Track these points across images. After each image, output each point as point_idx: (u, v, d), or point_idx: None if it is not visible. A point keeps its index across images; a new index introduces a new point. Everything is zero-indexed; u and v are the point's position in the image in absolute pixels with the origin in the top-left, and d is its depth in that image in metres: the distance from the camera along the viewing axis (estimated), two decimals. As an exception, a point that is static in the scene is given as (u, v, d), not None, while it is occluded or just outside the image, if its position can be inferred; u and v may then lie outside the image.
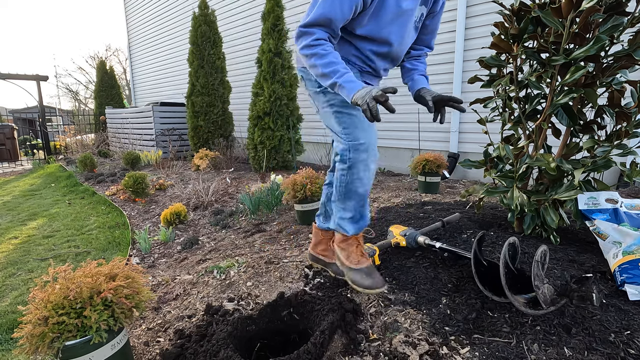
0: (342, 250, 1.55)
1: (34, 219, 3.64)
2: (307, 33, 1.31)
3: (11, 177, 6.51)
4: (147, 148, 6.85)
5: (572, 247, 1.71)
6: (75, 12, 55.99)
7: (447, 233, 1.95)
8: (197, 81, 5.94)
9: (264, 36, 4.65)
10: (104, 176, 5.28)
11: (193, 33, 5.87)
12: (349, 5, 1.28)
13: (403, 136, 4.55)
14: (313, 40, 1.29)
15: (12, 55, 58.15)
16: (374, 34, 1.40)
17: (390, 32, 1.40)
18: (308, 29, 1.31)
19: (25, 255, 2.68)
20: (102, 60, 10.84)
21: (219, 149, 5.74)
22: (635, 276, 1.31)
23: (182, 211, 3.03)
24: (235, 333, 1.34)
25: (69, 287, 1.12)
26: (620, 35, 1.46)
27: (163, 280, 1.99)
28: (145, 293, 1.24)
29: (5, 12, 57.13)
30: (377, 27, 1.38)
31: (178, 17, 8.06)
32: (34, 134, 12.59)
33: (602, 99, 1.64)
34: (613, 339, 1.13)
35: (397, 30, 1.42)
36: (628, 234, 1.46)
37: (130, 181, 3.83)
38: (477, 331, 1.24)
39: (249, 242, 2.40)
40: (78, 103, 21.88)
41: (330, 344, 1.23)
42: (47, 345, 1.05)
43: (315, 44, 1.29)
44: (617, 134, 1.56)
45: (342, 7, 1.27)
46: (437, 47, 4.06)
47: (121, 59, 22.33)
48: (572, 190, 1.59)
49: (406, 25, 1.43)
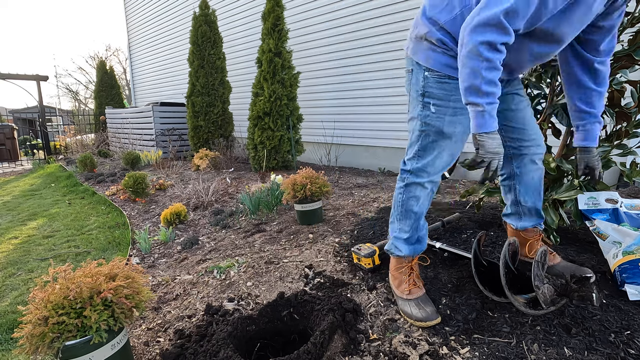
0: (394, 278, 1.46)
1: (34, 219, 3.64)
2: (504, 28, 1.00)
3: (11, 177, 6.51)
4: (147, 148, 6.85)
5: (572, 247, 1.71)
6: (75, 12, 56.00)
7: (447, 233, 1.96)
8: (197, 81, 5.94)
9: (264, 36, 4.65)
10: (104, 176, 5.28)
11: (193, 33, 5.87)
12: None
13: (403, 136, 4.54)
14: (501, 45, 1.02)
15: (12, 55, 58.16)
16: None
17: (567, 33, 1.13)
18: (507, 22, 0.99)
19: (25, 255, 2.68)
20: (102, 60, 10.84)
21: (219, 149, 5.75)
22: (635, 276, 1.31)
23: (182, 211, 3.03)
24: (235, 333, 1.34)
25: (69, 287, 1.12)
26: (620, 35, 1.46)
27: (163, 280, 1.99)
28: (145, 293, 1.24)
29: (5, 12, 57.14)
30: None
31: (178, 17, 8.05)
32: (34, 134, 12.59)
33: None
34: (613, 339, 1.13)
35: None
36: (628, 234, 1.46)
37: (130, 181, 3.83)
38: (477, 331, 1.24)
39: (249, 242, 2.40)
40: (78, 103, 21.87)
41: (330, 344, 1.23)
42: (47, 345, 1.05)
43: (501, 50, 1.03)
44: (617, 134, 1.57)
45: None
46: (437, 47, 4.06)
47: (121, 59, 22.32)
48: (572, 190, 1.59)
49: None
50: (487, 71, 1.04)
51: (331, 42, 5.07)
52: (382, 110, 4.69)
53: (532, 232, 1.51)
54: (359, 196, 3.22)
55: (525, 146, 1.39)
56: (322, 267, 1.84)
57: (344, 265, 1.82)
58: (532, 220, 1.50)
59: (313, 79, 5.40)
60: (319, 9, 5.14)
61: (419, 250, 1.45)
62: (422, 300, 1.36)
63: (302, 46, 5.41)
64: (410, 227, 1.41)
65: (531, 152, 1.39)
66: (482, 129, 1.09)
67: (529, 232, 1.52)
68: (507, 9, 0.98)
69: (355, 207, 2.82)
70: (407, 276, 1.42)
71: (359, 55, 4.78)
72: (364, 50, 4.72)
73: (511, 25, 1.00)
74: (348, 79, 4.96)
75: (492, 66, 1.03)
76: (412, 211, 1.38)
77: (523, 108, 1.38)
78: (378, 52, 4.59)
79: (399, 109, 4.53)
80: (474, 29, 1.02)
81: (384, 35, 4.49)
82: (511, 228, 1.57)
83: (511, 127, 1.38)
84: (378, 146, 4.85)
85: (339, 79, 5.08)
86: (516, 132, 1.38)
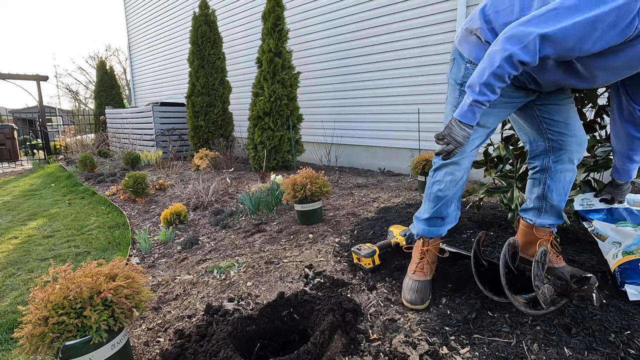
0: (413, 256, 1.57)
1: (34, 219, 3.64)
2: (530, 50, 1.01)
3: (11, 177, 6.51)
4: (147, 148, 6.85)
5: (572, 247, 1.71)
6: (75, 12, 55.98)
7: (447, 233, 1.95)
8: (197, 81, 5.94)
9: (264, 36, 4.65)
10: (104, 176, 5.28)
11: (193, 33, 5.87)
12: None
13: (403, 136, 4.55)
14: (519, 62, 1.04)
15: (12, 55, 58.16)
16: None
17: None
18: (538, 45, 1.01)
19: (25, 255, 2.68)
20: (102, 60, 10.84)
21: (219, 149, 5.75)
22: (636, 276, 1.31)
23: (182, 211, 3.03)
24: (235, 333, 1.34)
25: (69, 287, 1.11)
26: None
27: (163, 280, 1.99)
28: (145, 293, 1.24)
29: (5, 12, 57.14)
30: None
31: (178, 17, 8.05)
32: (34, 134, 12.58)
33: (602, 99, 1.64)
34: (613, 339, 1.13)
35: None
36: (628, 235, 1.46)
37: (130, 181, 3.83)
38: (477, 331, 1.24)
39: (249, 242, 2.40)
40: (78, 103, 21.87)
41: (330, 344, 1.23)
42: (47, 345, 1.05)
43: (517, 66, 1.05)
44: (618, 134, 1.56)
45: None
46: (437, 47, 4.07)
47: (121, 59, 22.31)
48: (572, 190, 1.58)
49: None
50: (491, 76, 1.07)
51: (331, 42, 5.07)
52: (382, 110, 4.69)
53: (544, 232, 1.51)
54: (359, 196, 3.22)
55: (567, 141, 1.37)
56: (322, 267, 1.84)
57: (344, 265, 1.82)
58: (552, 218, 1.49)
59: (313, 79, 5.40)
60: (319, 9, 5.14)
61: (431, 234, 1.50)
62: (420, 285, 1.44)
63: (302, 46, 5.41)
64: (431, 210, 1.46)
65: (572, 149, 1.37)
66: (462, 118, 1.16)
67: (543, 231, 1.51)
68: (544, 34, 0.98)
69: (355, 207, 2.82)
70: (418, 258, 1.51)
71: (359, 55, 4.78)
72: (364, 50, 4.72)
73: (541, 51, 1.01)
74: (348, 79, 4.96)
75: (499, 74, 1.06)
76: (435, 195, 1.43)
77: (568, 104, 1.38)
78: (378, 52, 4.59)
79: (399, 109, 4.53)
80: (508, 37, 1.04)
81: (384, 35, 4.49)
82: (524, 225, 1.56)
83: (555, 121, 1.37)
84: (378, 146, 4.85)
85: (339, 79, 5.08)
86: (559, 126, 1.37)
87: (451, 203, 1.45)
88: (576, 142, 1.37)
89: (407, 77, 4.40)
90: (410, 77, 4.37)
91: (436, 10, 4.02)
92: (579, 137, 1.38)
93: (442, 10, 3.97)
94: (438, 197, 1.43)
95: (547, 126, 1.39)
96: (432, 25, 4.08)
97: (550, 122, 1.38)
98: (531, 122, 1.42)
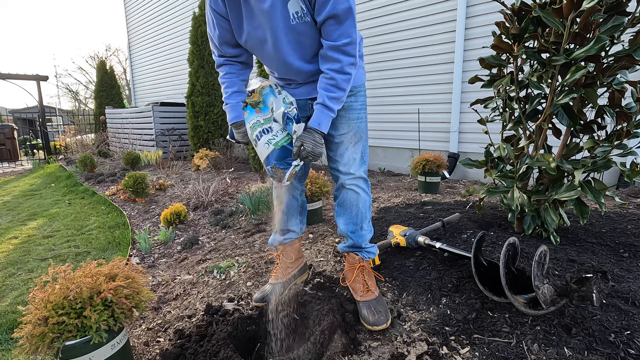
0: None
1: (34, 219, 3.64)
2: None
3: (11, 177, 6.51)
4: (147, 148, 6.85)
5: (572, 247, 1.71)
6: (75, 12, 56.02)
7: (447, 233, 1.95)
8: (197, 81, 5.94)
9: (264, 36, 4.65)
10: (104, 176, 5.28)
11: (193, 33, 5.87)
12: None
13: (403, 136, 4.55)
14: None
15: (12, 55, 58.17)
16: None
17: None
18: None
19: (25, 255, 2.68)
20: (102, 60, 10.84)
21: (219, 149, 5.74)
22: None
23: (182, 211, 3.03)
24: (235, 333, 1.34)
25: (69, 287, 1.11)
26: (621, 35, 1.46)
27: (163, 280, 1.99)
28: (145, 293, 1.24)
29: (5, 12, 57.15)
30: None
31: (178, 17, 8.05)
32: (34, 134, 12.59)
33: (603, 99, 1.64)
34: (613, 339, 1.13)
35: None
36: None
37: (130, 181, 3.83)
38: (477, 331, 1.24)
39: (249, 242, 2.40)
40: (78, 103, 21.88)
41: (330, 344, 1.23)
42: (47, 345, 1.05)
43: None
44: (618, 134, 1.56)
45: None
46: (437, 47, 4.07)
47: (121, 59, 22.32)
48: (573, 190, 1.58)
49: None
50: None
51: (331, 42, 5.07)
52: (382, 110, 4.69)
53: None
54: (359, 196, 3.22)
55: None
56: (322, 267, 1.84)
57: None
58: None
59: (313, 79, 5.40)
60: (319, 9, 5.13)
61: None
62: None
63: (302, 46, 5.41)
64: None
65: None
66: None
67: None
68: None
69: (355, 207, 2.81)
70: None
71: (359, 55, 4.77)
72: (363, 50, 4.72)
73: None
74: (348, 79, 4.95)
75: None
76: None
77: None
78: (378, 52, 4.59)
79: (399, 109, 4.53)
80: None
81: (384, 35, 4.49)
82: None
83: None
84: (378, 146, 4.85)
85: (339, 79, 5.08)
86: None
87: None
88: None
89: (407, 77, 4.40)
90: (410, 77, 4.37)
91: (436, 10, 4.02)
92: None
93: (442, 10, 3.97)
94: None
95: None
96: (432, 25, 4.08)
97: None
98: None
